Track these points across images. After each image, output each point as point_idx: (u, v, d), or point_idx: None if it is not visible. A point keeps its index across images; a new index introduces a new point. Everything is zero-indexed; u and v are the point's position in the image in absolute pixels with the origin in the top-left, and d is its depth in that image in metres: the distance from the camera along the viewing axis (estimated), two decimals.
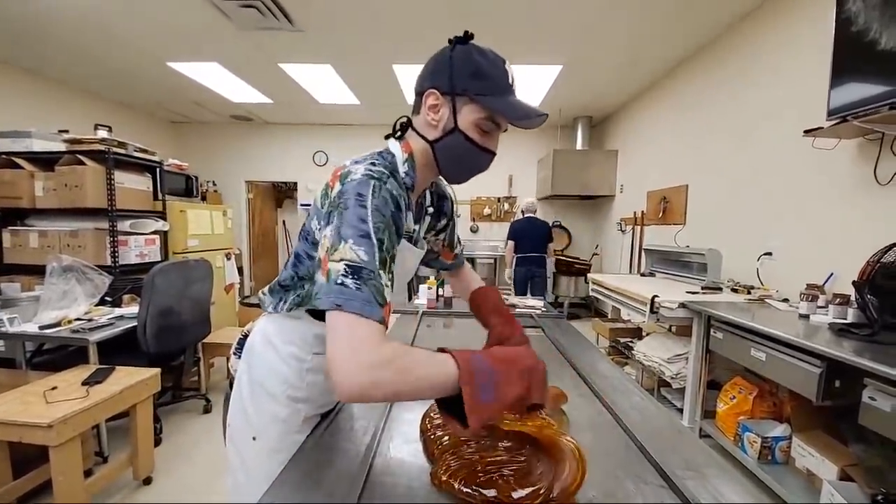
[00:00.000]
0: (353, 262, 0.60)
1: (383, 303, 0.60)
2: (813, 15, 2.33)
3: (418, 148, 0.78)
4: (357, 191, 0.65)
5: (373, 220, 0.63)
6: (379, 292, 0.60)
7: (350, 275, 0.60)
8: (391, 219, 0.66)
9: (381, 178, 0.68)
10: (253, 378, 0.86)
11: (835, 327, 1.73)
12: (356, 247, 0.61)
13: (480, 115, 0.72)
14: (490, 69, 0.72)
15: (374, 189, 0.65)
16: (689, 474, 0.68)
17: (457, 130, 0.73)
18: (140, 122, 5.67)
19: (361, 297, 0.59)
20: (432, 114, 0.74)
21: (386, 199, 0.66)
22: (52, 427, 1.49)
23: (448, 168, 0.79)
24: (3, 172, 2.90)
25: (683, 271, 3.28)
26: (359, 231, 0.62)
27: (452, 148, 0.75)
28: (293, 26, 3.19)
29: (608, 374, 1.17)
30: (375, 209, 0.64)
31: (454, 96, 0.72)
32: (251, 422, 0.85)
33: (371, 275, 0.60)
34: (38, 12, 3.06)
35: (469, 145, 0.74)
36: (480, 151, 0.75)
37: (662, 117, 4.09)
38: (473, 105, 0.72)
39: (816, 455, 1.76)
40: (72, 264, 2.29)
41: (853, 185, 2.09)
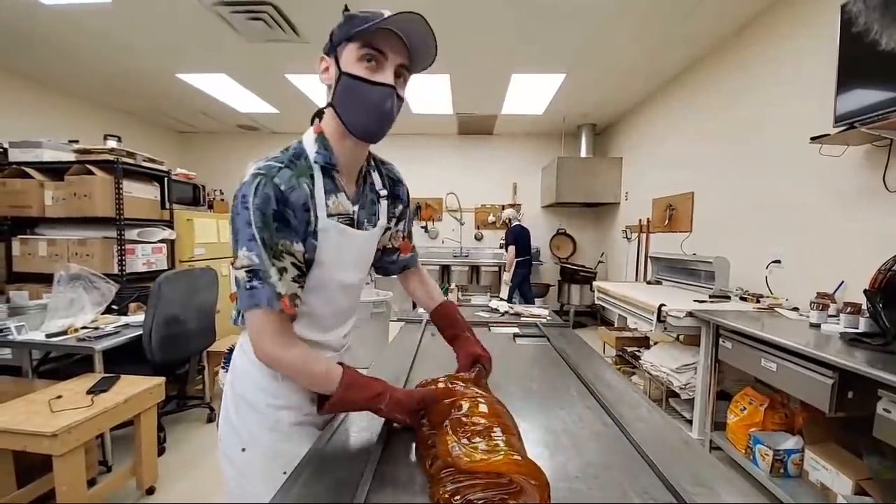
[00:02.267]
0: (251, 266, 0.69)
1: (279, 297, 0.70)
2: (817, 21, 2.32)
3: (328, 121, 0.78)
4: (242, 192, 0.70)
5: (254, 222, 0.68)
6: (273, 288, 0.70)
7: (253, 278, 0.69)
8: (274, 217, 0.70)
9: (269, 173, 0.70)
10: (235, 390, 0.87)
11: (846, 337, 1.70)
12: (249, 252, 0.69)
13: (358, 50, 0.71)
14: (361, 12, 0.71)
15: (257, 187, 0.69)
16: (699, 490, 0.66)
17: (342, 75, 0.72)
18: (149, 132, 5.77)
19: (264, 293, 0.69)
20: (325, 76, 0.75)
21: (268, 195, 0.69)
22: (56, 436, 1.49)
23: (350, 120, 0.75)
24: (14, 182, 2.95)
25: (690, 279, 3.24)
26: (247, 235, 0.69)
27: (344, 95, 0.73)
28: (299, 38, 3.24)
29: (614, 384, 1.15)
30: (256, 209, 0.68)
31: (335, 48, 0.73)
32: (239, 433, 0.86)
33: (266, 274, 0.69)
34: (50, 24, 3.14)
35: (357, 82, 0.71)
36: (371, 86, 0.71)
37: (667, 124, 4.08)
38: (350, 45, 0.71)
39: (830, 468, 1.72)
40: (79, 272, 2.30)
41: (862, 191, 2.07)
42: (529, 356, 1.44)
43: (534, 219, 6.30)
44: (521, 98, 4.56)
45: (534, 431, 0.85)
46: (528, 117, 5.29)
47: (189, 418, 2.79)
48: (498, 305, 2.13)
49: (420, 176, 6.08)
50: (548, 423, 0.90)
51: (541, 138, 6.14)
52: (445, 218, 6.32)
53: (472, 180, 6.23)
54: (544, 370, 1.28)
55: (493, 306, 2.14)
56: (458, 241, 6.24)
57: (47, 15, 2.96)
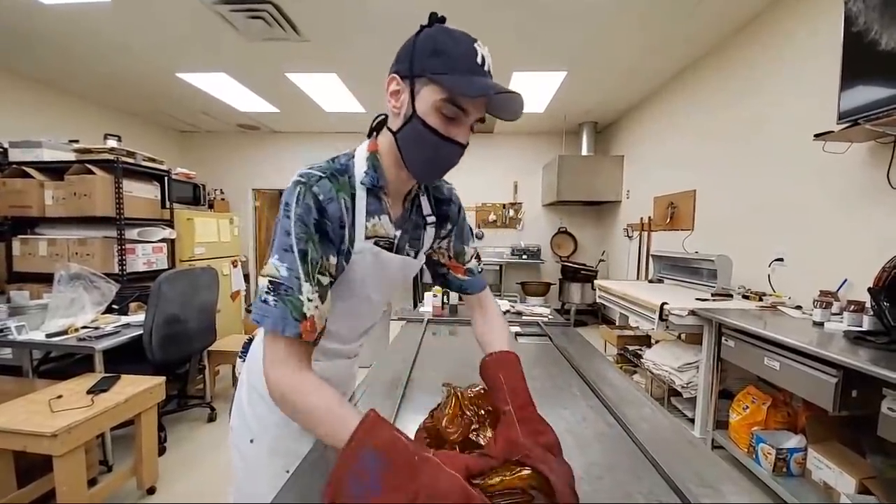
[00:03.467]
0: (274, 277, 0.62)
1: (299, 318, 0.61)
2: (820, 18, 2.30)
3: (386, 143, 0.72)
4: (286, 200, 0.66)
5: (295, 232, 0.63)
6: (296, 308, 0.61)
7: (271, 291, 0.62)
8: (315, 227, 0.65)
9: (308, 182, 0.66)
10: (251, 381, 0.87)
11: (850, 335, 1.69)
12: (279, 262, 0.63)
13: (439, 96, 0.63)
14: (451, 45, 0.63)
15: (299, 196, 0.65)
16: (704, 490, 0.66)
17: (414, 117, 0.65)
18: (149, 132, 5.76)
19: (276, 314, 0.61)
20: (393, 100, 0.68)
21: (309, 205, 0.64)
22: (56, 436, 1.48)
23: (410, 161, 0.69)
24: (14, 182, 2.94)
25: (692, 278, 3.23)
26: (283, 245, 0.63)
27: (412, 137, 0.66)
28: (299, 36, 3.22)
29: (617, 383, 1.14)
30: (298, 219, 0.64)
31: (413, 78, 0.65)
32: (249, 424, 0.87)
33: (289, 291, 0.62)
34: (50, 24, 3.13)
35: (429, 133, 0.64)
36: (442, 141, 0.65)
37: (668, 122, 4.07)
38: (432, 86, 0.63)
39: (834, 467, 1.71)
40: (79, 272, 2.30)
41: (865, 189, 2.05)
42: (531, 355, 1.44)
43: (535, 217, 6.29)
44: (522, 96, 4.53)
45: None
46: (530, 116, 5.27)
47: (190, 418, 2.78)
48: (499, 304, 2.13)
49: None
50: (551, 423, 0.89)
51: (542, 137, 6.12)
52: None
53: (472, 179, 6.21)
54: (546, 369, 1.27)
55: None
56: None
57: (47, 14, 2.96)
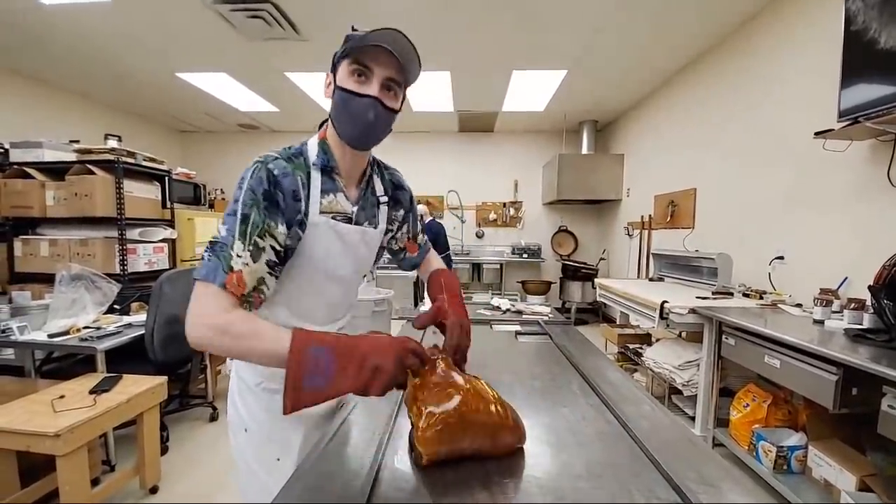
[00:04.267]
0: (214, 238, 0.71)
1: (228, 270, 0.68)
2: (820, 16, 2.30)
3: (330, 129, 0.84)
4: (241, 176, 0.74)
5: (242, 199, 0.72)
6: (226, 261, 0.69)
7: (208, 249, 0.71)
8: (264, 195, 0.73)
9: (265, 160, 0.76)
10: (238, 373, 0.94)
11: (851, 333, 1.69)
12: (221, 225, 0.72)
13: (349, 66, 0.77)
14: (357, 33, 0.76)
15: (254, 171, 0.74)
16: (703, 488, 0.66)
17: (336, 89, 0.79)
18: (149, 132, 5.76)
19: (209, 266, 0.69)
20: (327, 91, 0.82)
21: (261, 178, 0.73)
22: (59, 436, 1.49)
23: (341, 128, 0.81)
24: (15, 182, 2.95)
25: (693, 276, 3.23)
26: (228, 210, 0.72)
27: (337, 106, 0.80)
28: (299, 36, 3.22)
29: (617, 381, 1.14)
30: (248, 189, 0.72)
31: (335, 66, 0.80)
32: (241, 414, 0.92)
33: (223, 248, 0.69)
34: (50, 24, 3.13)
35: (346, 94, 0.77)
36: (357, 97, 0.77)
37: (669, 121, 4.06)
38: (344, 62, 0.78)
39: (834, 465, 1.71)
40: (81, 272, 2.30)
41: (866, 186, 2.05)
42: (532, 354, 1.44)
43: (535, 216, 6.29)
44: (522, 95, 4.55)
45: (537, 429, 0.84)
46: (530, 114, 5.28)
47: (192, 417, 2.79)
48: (500, 303, 2.13)
49: (421, 174, 6.06)
50: (551, 422, 0.90)
51: (542, 135, 6.12)
52: (447, 215, 6.31)
53: (473, 178, 6.22)
54: (547, 368, 1.27)
55: (495, 304, 2.14)
56: (459, 238, 6.23)
57: (47, 14, 2.96)
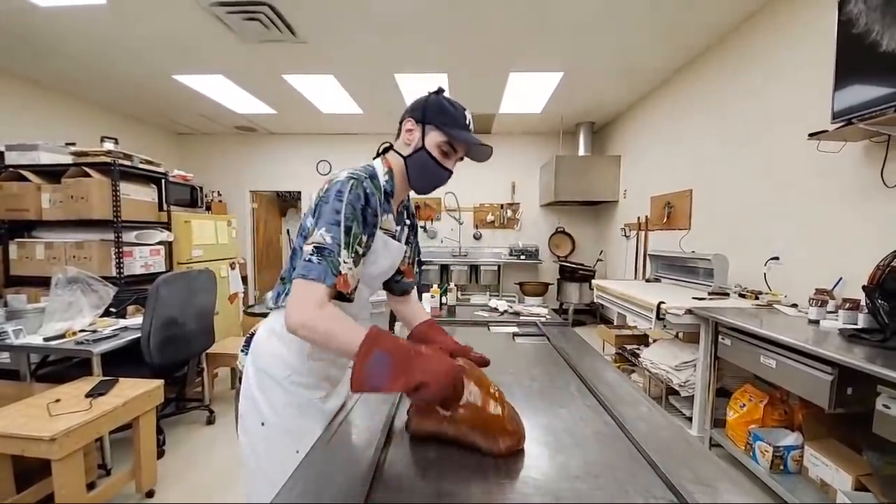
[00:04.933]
0: (320, 244, 0.80)
1: (336, 273, 0.80)
2: (814, 17, 2.32)
3: (395, 163, 0.98)
4: (337, 188, 0.84)
5: (345, 212, 0.82)
6: (335, 266, 0.80)
7: (315, 253, 0.80)
8: (361, 212, 0.85)
9: (360, 179, 0.86)
10: (258, 367, 0.95)
11: (845, 333, 1.70)
12: (325, 233, 0.81)
13: (442, 139, 0.93)
14: (452, 111, 0.94)
15: (352, 187, 0.84)
16: (700, 488, 0.66)
17: (423, 149, 0.94)
18: (145, 134, 5.74)
19: (319, 269, 0.79)
20: (408, 136, 0.96)
21: (359, 195, 0.84)
22: (54, 440, 1.48)
23: (415, 178, 0.98)
24: (11, 185, 2.94)
25: (689, 277, 3.24)
26: (331, 220, 0.82)
27: (419, 162, 0.95)
28: (296, 38, 3.23)
29: (614, 382, 1.15)
30: (349, 203, 0.83)
31: (424, 125, 0.94)
32: (259, 408, 0.93)
33: (331, 254, 0.80)
34: (45, 25, 3.12)
35: (431, 162, 0.94)
36: (440, 168, 0.95)
37: (665, 122, 4.09)
38: (437, 132, 0.93)
39: (830, 464, 1.72)
40: (77, 276, 2.30)
41: (860, 187, 2.07)
42: (529, 355, 1.44)
43: (533, 218, 6.30)
44: (519, 97, 4.56)
45: (534, 430, 0.85)
46: (526, 116, 5.29)
47: (188, 421, 2.78)
48: (497, 305, 2.13)
49: None
50: (548, 422, 0.90)
51: (539, 137, 6.14)
52: (444, 218, 6.32)
53: (470, 180, 6.21)
54: (544, 369, 1.28)
55: (493, 305, 2.14)
56: (456, 240, 6.24)
57: (42, 16, 2.95)
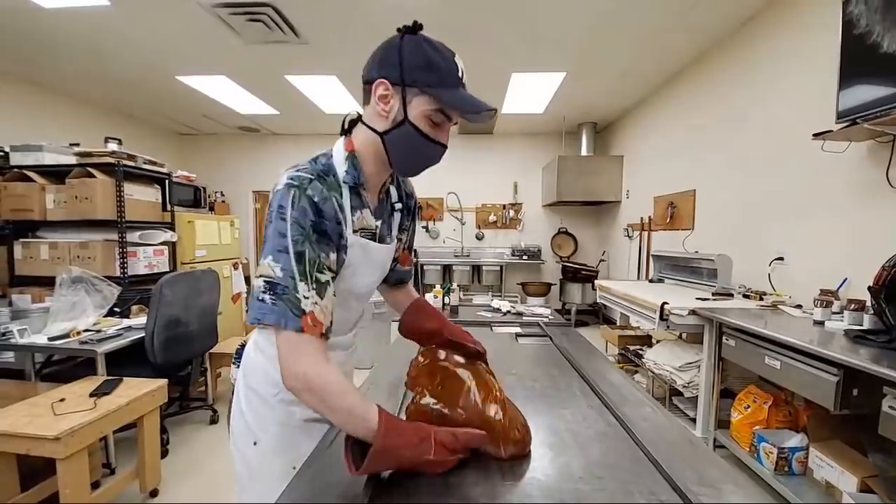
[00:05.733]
0: (269, 278, 0.66)
1: (298, 314, 0.65)
2: (818, 17, 2.31)
3: (366, 141, 0.77)
4: (278, 203, 0.67)
5: (291, 234, 0.66)
6: (294, 305, 0.65)
7: (267, 290, 0.65)
8: (312, 228, 0.68)
9: (301, 185, 0.68)
10: (248, 384, 0.88)
11: (851, 334, 1.69)
12: (273, 263, 0.66)
13: (431, 106, 0.71)
14: (440, 62, 0.70)
15: (294, 199, 0.67)
16: (705, 490, 0.66)
17: (407, 122, 0.72)
18: (149, 135, 5.77)
19: (277, 312, 0.65)
20: (382, 104, 0.72)
21: (305, 208, 0.67)
22: (59, 439, 1.49)
23: (399, 160, 0.78)
24: (16, 185, 2.95)
25: (693, 277, 3.23)
26: (277, 246, 0.66)
27: (403, 140, 0.74)
28: (299, 39, 3.23)
29: (618, 383, 1.15)
30: (294, 222, 0.66)
31: (404, 87, 0.70)
32: (250, 426, 0.87)
33: (285, 290, 0.65)
34: (50, 27, 3.14)
35: (420, 137, 0.73)
36: (432, 144, 0.74)
37: (668, 122, 4.07)
38: (424, 97, 0.71)
39: (835, 466, 1.71)
40: (81, 275, 2.30)
41: (865, 188, 2.06)
42: (532, 355, 1.44)
43: (535, 218, 6.29)
44: (522, 97, 4.55)
45: (538, 431, 0.84)
46: (529, 116, 5.28)
47: (192, 420, 2.79)
48: (500, 305, 2.13)
49: (420, 176, 5.95)
50: (551, 423, 0.90)
51: (541, 137, 6.13)
52: (446, 218, 6.32)
53: (472, 180, 6.22)
54: (547, 370, 1.27)
55: (495, 306, 2.14)
56: (459, 240, 6.24)
57: (47, 17, 2.97)
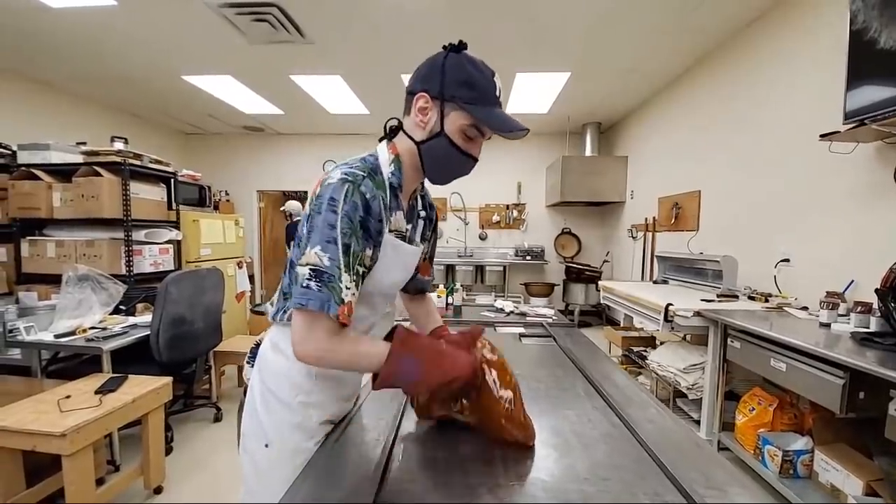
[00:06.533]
0: (316, 266, 0.68)
1: (340, 302, 0.68)
2: (825, 17, 2.29)
3: (405, 149, 0.81)
4: (330, 195, 0.70)
5: (341, 226, 0.69)
6: (337, 293, 0.68)
7: (313, 278, 0.68)
8: (360, 223, 0.71)
9: (356, 181, 0.71)
10: (265, 386, 0.87)
11: (857, 336, 1.68)
12: (321, 252, 0.68)
13: (467, 122, 0.75)
14: (480, 80, 0.75)
15: (347, 193, 0.70)
16: (710, 492, 0.65)
17: (443, 134, 0.76)
18: (155, 134, 5.80)
19: (321, 298, 0.67)
20: (421, 115, 0.77)
21: (356, 203, 0.70)
22: (65, 436, 1.50)
23: (432, 169, 0.82)
24: (23, 184, 2.98)
25: (697, 279, 3.22)
26: (326, 237, 0.68)
27: (437, 150, 0.78)
28: (304, 39, 3.24)
29: (622, 384, 1.14)
30: (345, 215, 0.69)
31: (443, 101, 0.75)
32: (264, 429, 0.85)
33: (331, 279, 0.68)
34: (57, 26, 3.16)
35: (453, 150, 0.77)
36: (464, 157, 0.78)
37: (672, 122, 4.05)
38: (461, 112, 0.75)
39: (841, 469, 1.69)
40: (87, 273, 2.32)
41: (872, 189, 2.04)
42: (536, 356, 1.44)
43: (539, 218, 6.28)
44: (526, 97, 4.54)
45: (542, 432, 0.84)
46: (533, 116, 5.27)
47: (196, 418, 2.80)
48: (503, 305, 2.13)
49: None
50: (556, 424, 0.90)
51: (546, 137, 6.12)
52: (450, 218, 6.32)
53: (476, 180, 6.16)
54: (551, 370, 1.27)
55: (499, 306, 2.14)
56: (462, 240, 6.24)
57: (54, 17, 2.99)
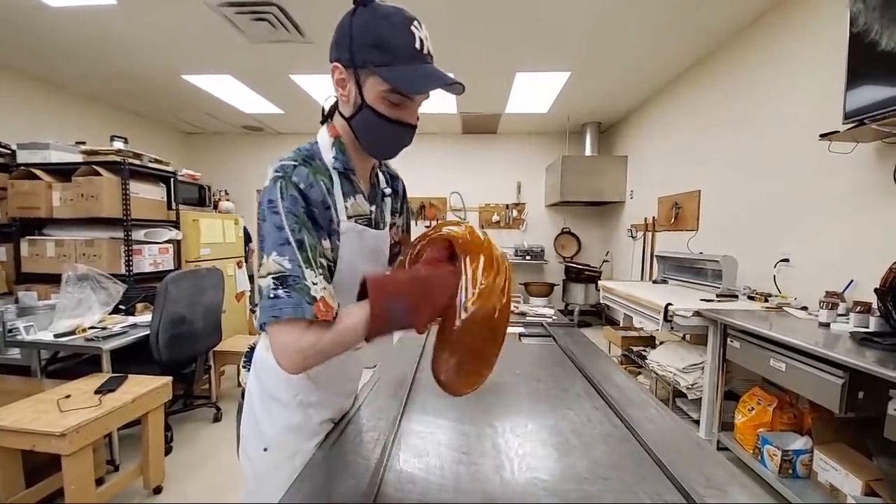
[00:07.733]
0: (279, 272, 0.64)
1: (312, 301, 0.64)
2: (825, 18, 2.29)
3: (342, 128, 0.77)
4: (268, 198, 0.67)
5: (288, 224, 0.65)
6: (306, 293, 0.64)
7: (280, 286, 0.64)
8: (305, 214, 0.67)
9: (286, 174, 0.68)
10: (263, 389, 0.86)
11: (857, 336, 1.68)
12: (279, 257, 0.64)
13: (383, 87, 0.68)
14: (391, 36, 0.66)
15: (281, 189, 0.67)
16: (710, 492, 0.66)
17: (365, 106, 0.70)
18: (155, 133, 5.79)
19: (292, 304, 0.63)
20: (340, 89, 0.72)
21: (294, 196, 0.67)
22: (64, 436, 1.50)
23: (368, 145, 0.76)
24: (22, 183, 2.97)
25: (697, 278, 3.22)
26: (278, 240, 0.65)
27: (366, 124, 0.72)
28: (304, 38, 3.24)
29: (622, 384, 1.14)
30: (288, 212, 0.66)
31: (356, 69, 0.69)
32: (263, 432, 0.84)
33: (297, 279, 0.64)
34: (56, 25, 3.16)
35: (382, 121, 0.71)
36: (396, 126, 0.72)
37: (672, 122, 4.06)
38: (376, 77, 0.68)
39: (840, 469, 1.70)
40: (87, 273, 2.32)
41: (872, 189, 2.04)
42: (535, 356, 1.44)
43: (538, 218, 6.28)
44: (526, 97, 4.54)
45: (541, 432, 0.84)
46: (533, 116, 5.27)
47: (195, 418, 2.80)
48: None
49: (424, 175, 6.07)
50: (556, 424, 0.90)
51: (545, 137, 6.12)
52: (449, 217, 6.32)
53: (476, 180, 6.22)
54: (551, 370, 1.27)
55: None
56: None
57: (53, 16, 2.98)
